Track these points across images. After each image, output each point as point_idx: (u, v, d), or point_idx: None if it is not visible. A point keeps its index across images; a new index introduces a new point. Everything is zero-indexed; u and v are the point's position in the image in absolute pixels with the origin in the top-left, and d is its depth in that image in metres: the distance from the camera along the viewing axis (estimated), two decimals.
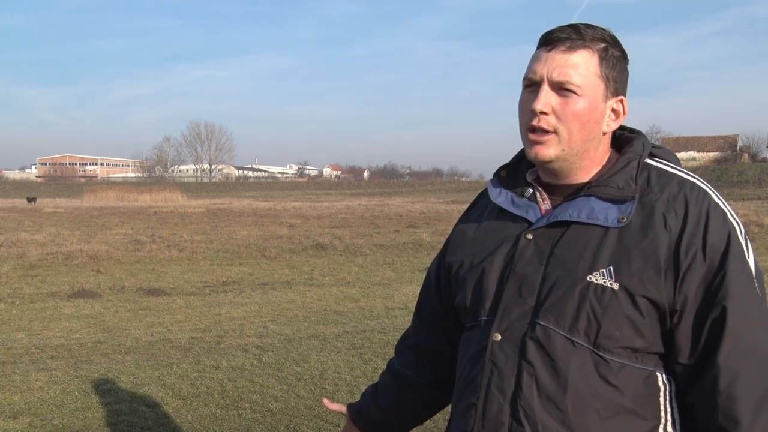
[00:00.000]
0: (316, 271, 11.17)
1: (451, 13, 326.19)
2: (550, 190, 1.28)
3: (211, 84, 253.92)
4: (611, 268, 1.15)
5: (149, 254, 13.01)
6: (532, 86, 1.24)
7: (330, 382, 4.98)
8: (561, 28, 1.23)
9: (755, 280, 1.17)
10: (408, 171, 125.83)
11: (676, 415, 1.19)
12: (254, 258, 12.84)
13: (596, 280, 1.15)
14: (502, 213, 1.33)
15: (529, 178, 1.32)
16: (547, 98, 1.20)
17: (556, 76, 1.20)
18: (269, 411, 4.42)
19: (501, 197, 1.32)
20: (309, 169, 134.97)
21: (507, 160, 1.40)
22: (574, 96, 1.19)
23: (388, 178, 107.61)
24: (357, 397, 5.22)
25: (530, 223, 1.26)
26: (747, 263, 1.16)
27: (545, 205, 1.28)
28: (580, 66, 1.20)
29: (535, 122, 1.21)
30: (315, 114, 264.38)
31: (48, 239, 15.37)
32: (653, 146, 1.29)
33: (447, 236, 1.49)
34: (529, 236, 1.24)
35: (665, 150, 1.30)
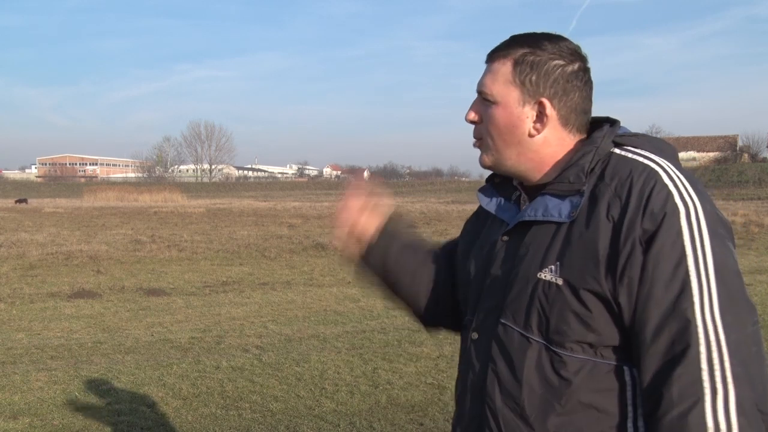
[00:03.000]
0: (316, 271, 11.17)
1: (452, 13, 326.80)
2: (530, 192, 1.30)
3: (211, 84, 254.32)
4: (558, 263, 1.15)
5: (149, 254, 13.01)
6: None
7: (330, 382, 4.98)
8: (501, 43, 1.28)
9: (689, 268, 1.06)
10: (408, 171, 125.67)
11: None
12: (254, 258, 12.84)
13: (545, 276, 1.16)
14: (494, 216, 1.37)
15: (515, 182, 1.35)
16: (474, 108, 1.28)
17: (478, 87, 1.28)
18: (269, 411, 4.42)
19: (491, 203, 1.36)
20: (309, 169, 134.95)
21: None
22: (492, 104, 1.25)
23: (388, 178, 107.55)
24: (357, 397, 5.17)
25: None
26: (680, 248, 1.06)
27: (525, 207, 1.30)
28: (495, 73, 1.24)
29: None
30: (315, 114, 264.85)
31: (48, 239, 15.36)
32: (625, 135, 1.22)
33: (448, 236, 1.50)
34: (505, 238, 1.28)
35: (642, 137, 1.22)
